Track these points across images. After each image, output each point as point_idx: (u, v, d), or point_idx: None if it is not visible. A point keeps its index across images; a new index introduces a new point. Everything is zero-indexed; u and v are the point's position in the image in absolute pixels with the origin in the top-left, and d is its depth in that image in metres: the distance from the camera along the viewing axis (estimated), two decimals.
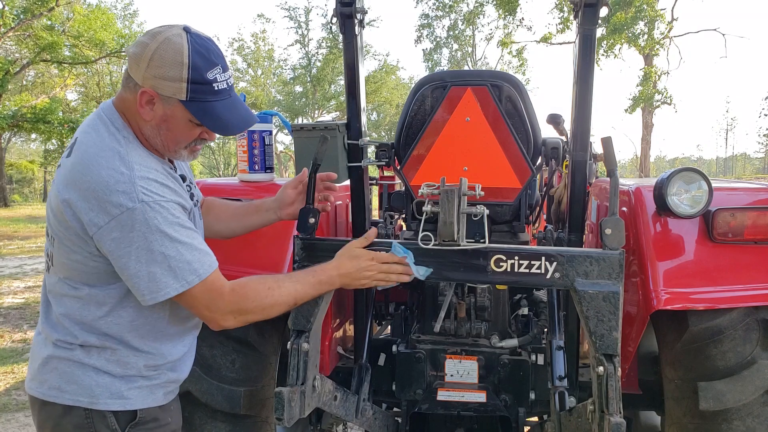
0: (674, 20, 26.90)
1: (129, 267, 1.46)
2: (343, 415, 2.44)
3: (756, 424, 2.05)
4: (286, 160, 34.98)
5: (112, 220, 1.43)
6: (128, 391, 1.60)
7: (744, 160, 74.24)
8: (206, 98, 1.52)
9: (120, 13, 32.63)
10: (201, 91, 1.50)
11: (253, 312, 1.63)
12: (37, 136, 26.95)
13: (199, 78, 1.49)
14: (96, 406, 1.56)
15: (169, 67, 1.47)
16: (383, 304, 3.33)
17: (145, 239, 1.44)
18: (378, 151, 2.67)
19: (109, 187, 1.43)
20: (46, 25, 22.60)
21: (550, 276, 1.87)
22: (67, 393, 1.56)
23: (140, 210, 1.43)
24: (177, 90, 1.48)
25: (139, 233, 1.44)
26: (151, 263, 1.46)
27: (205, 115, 1.53)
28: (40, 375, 1.60)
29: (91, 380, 1.57)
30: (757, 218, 2.13)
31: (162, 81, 1.47)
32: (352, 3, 2.24)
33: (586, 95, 2.18)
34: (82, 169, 1.47)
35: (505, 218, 2.67)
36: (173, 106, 1.51)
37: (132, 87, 1.52)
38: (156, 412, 1.66)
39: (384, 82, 38.57)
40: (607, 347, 1.81)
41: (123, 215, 1.43)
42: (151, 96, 1.50)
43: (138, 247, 1.44)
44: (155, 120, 1.54)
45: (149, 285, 1.47)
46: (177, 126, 1.55)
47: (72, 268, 1.55)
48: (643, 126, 28.97)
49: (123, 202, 1.43)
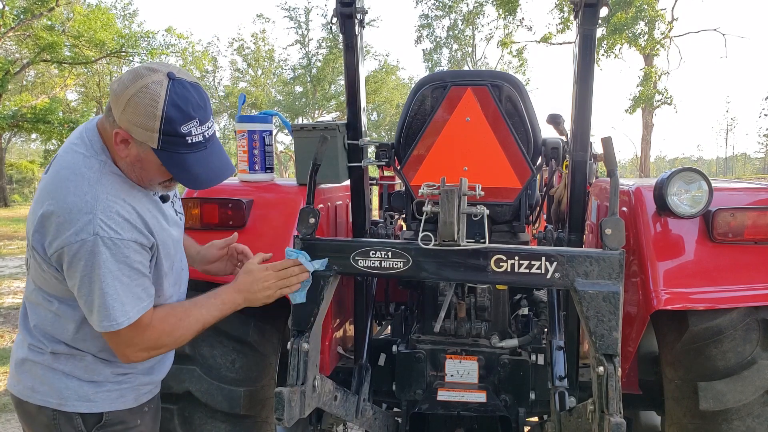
0: (674, 20, 26.91)
1: (77, 290, 1.53)
2: (343, 415, 2.44)
3: (756, 424, 2.05)
4: (286, 160, 34.98)
5: (65, 246, 1.47)
6: (95, 395, 1.65)
7: (744, 160, 74.23)
8: (178, 150, 1.50)
9: (120, 13, 32.62)
10: (173, 142, 1.49)
11: (166, 345, 1.67)
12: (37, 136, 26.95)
13: (172, 131, 1.47)
14: (64, 408, 1.62)
15: (142, 116, 1.46)
16: (383, 304, 3.33)
17: (90, 270, 1.48)
18: (378, 151, 2.67)
19: (71, 214, 1.47)
20: (46, 25, 22.57)
21: (550, 276, 1.87)
22: (39, 393, 1.63)
23: (92, 242, 1.46)
24: (149, 138, 1.48)
25: (87, 264, 1.47)
26: (91, 294, 1.50)
27: (174, 166, 1.53)
28: (17, 374, 1.68)
29: (61, 383, 1.63)
30: (757, 218, 2.13)
31: (135, 127, 1.48)
32: (352, 3, 2.24)
33: (586, 95, 2.18)
34: (53, 189, 1.52)
35: (505, 218, 2.67)
36: (146, 150, 1.51)
37: (111, 122, 1.53)
38: (124, 415, 1.70)
39: (384, 82, 38.55)
40: (608, 347, 1.81)
41: (75, 245, 1.46)
42: (125, 137, 1.51)
43: (82, 276, 1.49)
44: (129, 158, 1.55)
45: (91, 315, 1.54)
46: (150, 168, 1.56)
47: (44, 279, 1.60)
48: (643, 126, 28.97)
49: (78, 232, 1.46)
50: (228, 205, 2.39)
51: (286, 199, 2.49)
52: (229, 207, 2.39)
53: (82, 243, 1.46)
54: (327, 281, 2.01)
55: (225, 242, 2.02)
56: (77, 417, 1.63)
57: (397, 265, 1.96)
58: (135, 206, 1.55)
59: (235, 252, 2.02)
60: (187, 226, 2.43)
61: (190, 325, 1.67)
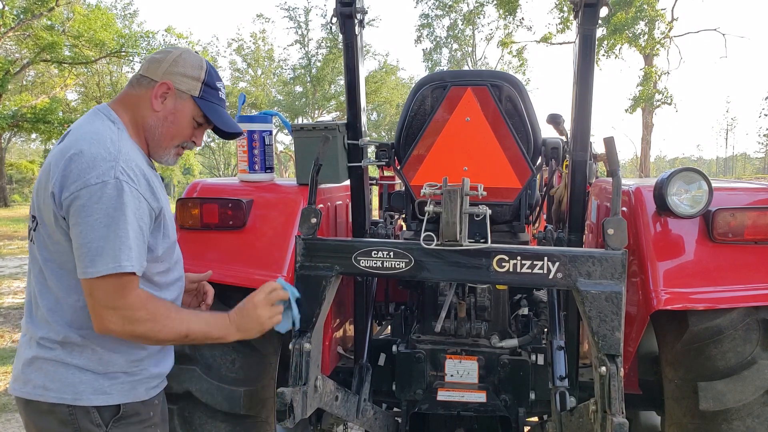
0: (674, 20, 26.91)
1: (82, 235, 1.51)
2: (344, 416, 2.44)
3: (756, 424, 2.05)
4: (286, 160, 34.99)
5: (84, 188, 1.50)
6: (110, 387, 1.64)
7: (744, 160, 74.23)
8: (213, 101, 1.76)
9: (120, 13, 32.62)
10: (210, 93, 1.75)
11: (143, 326, 1.58)
12: (37, 136, 26.97)
13: (212, 83, 1.75)
14: (80, 402, 1.61)
15: (191, 67, 1.72)
16: (383, 304, 3.33)
17: (110, 210, 1.51)
18: (378, 151, 2.67)
19: (94, 160, 1.53)
20: (46, 25, 22.58)
21: (552, 276, 1.87)
22: (52, 391, 1.61)
23: (113, 185, 1.51)
24: (193, 87, 1.71)
25: (105, 205, 1.50)
26: (104, 235, 1.50)
27: (212, 113, 1.75)
28: (24, 375, 1.65)
29: (75, 377, 1.61)
30: (757, 218, 2.13)
31: (181, 77, 1.70)
32: (352, 3, 2.24)
33: (586, 95, 2.18)
34: (73, 143, 1.58)
35: (505, 218, 2.67)
36: (184, 101, 1.71)
37: (145, 84, 1.69)
38: (138, 407, 1.70)
39: (384, 82, 38.55)
40: (610, 347, 1.81)
41: (95, 186, 1.50)
42: (168, 88, 1.68)
43: (97, 217, 1.50)
44: (163, 112, 1.70)
45: (93, 259, 1.50)
46: (181, 121, 1.72)
47: (52, 249, 1.60)
48: (643, 126, 28.97)
49: (100, 175, 1.51)
50: (228, 205, 2.39)
51: (286, 199, 2.49)
52: (229, 207, 2.39)
53: (103, 185, 1.50)
54: (329, 281, 2.01)
55: (198, 277, 2.03)
56: (94, 411, 1.62)
57: (399, 265, 1.96)
58: (145, 171, 1.64)
59: (202, 290, 2.03)
60: (188, 226, 2.43)
61: (175, 322, 1.63)
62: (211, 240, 2.41)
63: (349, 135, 2.48)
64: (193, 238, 2.42)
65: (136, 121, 1.70)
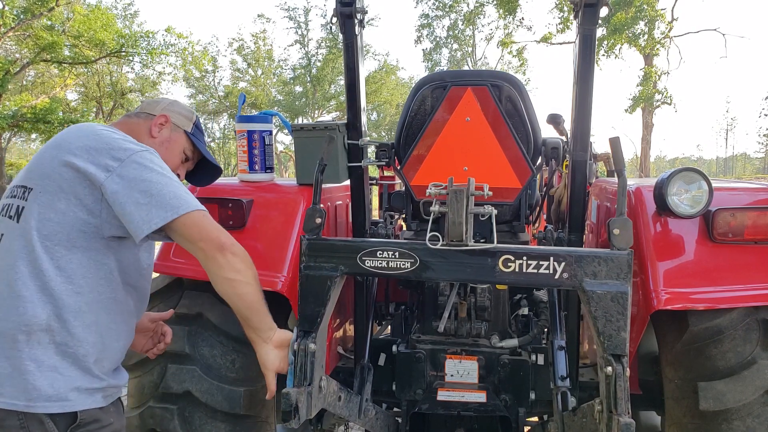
0: (674, 20, 26.91)
1: (153, 186, 1.59)
2: (347, 416, 2.44)
3: (756, 425, 2.05)
4: (286, 160, 34.98)
5: (133, 154, 1.62)
6: (69, 393, 1.56)
7: (744, 160, 74.26)
8: (200, 138, 2.03)
9: (120, 14, 32.61)
10: (198, 132, 2.03)
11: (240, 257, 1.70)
12: (37, 136, 26.95)
13: (199, 126, 2.04)
14: (33, 410, 1.51)
15: (184, 109, 2.01)
16: (383, 304, 3.33)
17: (162, 168, 1.65)
18: (378, 151, 2.67)
19: (118, 142, 1.65)
20: (46, 25, 22.57)
21: (558, 276, 1.87)
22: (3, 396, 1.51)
23: (148, 152, 1.67)
24: (186, 124, 1.98)
25: (158, 163, 1.66)
26: (171, 184, 1.63)
27: (201, 146, 2.02)
28: None
29: (28, 382, 1.51)
30: (757, 218, 2.13)
31: (178, 114, 1.96)
32: (352, 3, 2.24)
33: (586, 95, 2.18)
34: (90, 131, 1.67)
35: (505, 218, 2.67)
36: (178, 134, 1.95)
37: (144, 117, 1.91)
38: (97, 413, 1.63)
39: (384, 82, 38.54)
40: (616, 347, 1.81)
41: (134, 155, 1.62)
42: (166, 120, 1.92)
43: (157, 173, 1.62)
44: (160, 139, 1.89)
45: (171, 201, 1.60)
46: (173, 150, 1.93)
47: (48, 218, 1.56)
48: (643, 126, 28.97)
49: (131, 147, 1.65)
50: (228, 205, 2.39)
51: (286, 199, 2.49)
52: (229, 207, 2.39)
53: (139, 153, 1.64)
54: (333, 282, 2.01)
55: (159, 316, 2.05)
56: (47, 420, 1.53)
57: (404, 265, 1.96)
58: None
59: (160, 331, 2.05)
60: None
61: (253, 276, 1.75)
62: None
63: (349, 135, 2.48)
64: None
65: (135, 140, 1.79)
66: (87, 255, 1.60)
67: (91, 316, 1.61)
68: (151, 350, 2.04)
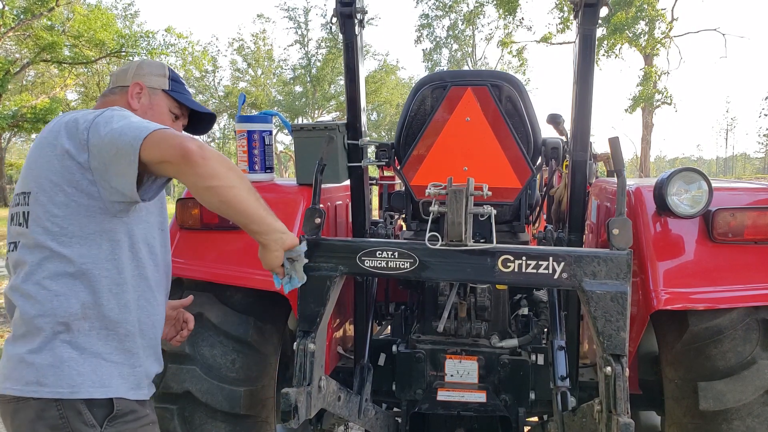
0: (674, 20, 26.92)
1: (114, 133, 1.52)
2: (346, 416, 2.44)
3: (756, 424, 2.05)
4: (286, 160, 34.98)
5: (96, 117, 1.58)
6: (112, 379, 1.58)
7: (744, 160, 74.28)
8: (181, 90, 1.91)
9: (120, 14, 32.61)
10: (178, 86, 1.90)
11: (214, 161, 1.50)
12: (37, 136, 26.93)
13: (176, 77, 1.91)
14: (76, 395, 1.52)
15: (154, 67, 1.88)
16: (383, 304, 3.33)
17: (124, 117, 1.58)
18: (378, 151, 2.67)
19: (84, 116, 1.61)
20: (46, 25, 22.59)
21: (557, 276, 1.87)
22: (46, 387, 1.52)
23: (108, 110, 1.62)
24: (162, 82, 1.85)
25: (119, 115, 1.59)
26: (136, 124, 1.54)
27: (185, 100, 1.89)
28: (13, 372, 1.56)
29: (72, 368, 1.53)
30: (757, 218, 2.13)
31: (149, 76, 1.84)
32: (352, 3, 2.24)
33: (586, 95, 2.18)
34: (62, 118, 1.66)
35: (505, 218, 2.67)
36: (158, 96, 1.84)
37: (118, 91, 1.83)
38: (133, 404, 1.64)
39: (384, 82, 38.56)
40: (615, 347, 1.81)
41: (105, 112, 1.60)
42: (141, 87, 1.81)
43: (119, 120, 1.56)
44: (141, 108, 1.80)
45: (135, 132, 1.50)
46: (159, 115, 1.82)
47: (54, 214, 1.55)
48: (643, 126, 28.98)
49: (103, 109, 1.63)
50: None
51: (286, 199, 2.49)
52: None
53: (111, 110, 1.61)
54: (333, 282, 2.01)
55: (180, 303, 2.01)
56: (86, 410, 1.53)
57: (403, 265, 1.96)
58: None
59: (182, 318, 2.01)
60: (188, 226, 2.43)
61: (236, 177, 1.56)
62: (210, 240, 2.41)
63: (349, 135, 2.48)
64: (193, 238, 2.42)
65: None
66: (104, 237, 1.59)
67: (123, 296, 1.62)
68: (175, 338, 2.00)
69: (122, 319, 1.61)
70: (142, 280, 1.68)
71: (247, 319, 2.38)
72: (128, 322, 1.63)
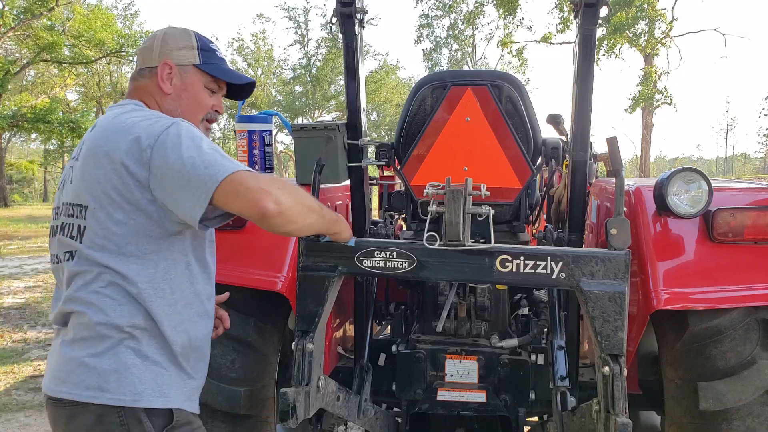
0: (674, 20, 26.92)
1: (185, 164, 1.42)
2: (346, 416, 2.44)
3: (756, 424, 2.05)
4: (286, 160, 34.99)
5: (160, 135, 1.47)
6: (171, 389, 1.55)
7: (744, 160, 74.31)
8: (215, 60, 1.74)
9: (120, 14, 32.63)
10: (209, 56, 1.72)
11: (292, 195, 1.50)
12: (37, 136, 26.98)
13: (205, 46, 1.73)
14: (138, 404, 1.49)
15: (180, 40, 1.70)
16: (383, 304, 3.33)
17: (192, 140, 1.47)
18: (378, 151, 2.67)
19: (152, 120, 1.52)
20: (46, 25, 22.59)
21: (555, 276, 1.87)
22: (108, 393, 1.48)
23: (185, 124, 1.51)
24: (190, 56, 1.69)
25: (186, 137, 1.47)
26: (205, 154, 1.44)
27: (218, 71, 1.73)
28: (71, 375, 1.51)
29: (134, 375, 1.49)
30: (757, 218, 2.13)
31: (176, 52, 1.68)
32: (352, 3, 2.24)
33: (586, 95, 2.18)
34: (120, 123, 1.54)
35: (505, 218, 2.67)
36: (189, 73, 1.70)
37: (147, 74, 1.68)
38: (189, 415, 1.62)
39: (384, 82, 38.58)
40: (613, 347, 1.81)
41: (171, 128, 1.48)
42: (170, 67, 1.67)
43: (188, 146, 1.45)
44: (175, 91, 1.68)
45: (207, 170, 1.42)
46: (195, 94, 1.71)
47: (112, 232, 1.49)
48: (643, 126, 28.98)
49: (168, 122, 1.50)
50: None
51: None
52: None
53: (176, 125, 1.49)
54: (331, 282, 2.01)
55: (216, 299, 1.94)
56: (146, 418, 1.50)
57: (402, 265, 1.96)
58: None
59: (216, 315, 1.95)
60: None
61: (307, 198, 1.58)
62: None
63: (349, 135, 2.48)
64: None
65: (156, 107, 1.66)
66: (160, 257, 1.54)
67: (177, 317, 1.57)
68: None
69: (177, 337, 1.57)
70: (195, 296, 1.63)
71: (247, 319, 2.38)
72: (182, 339, 1.58)
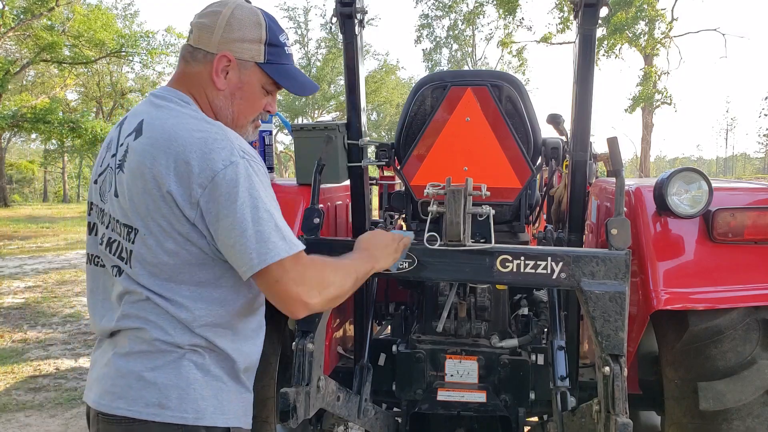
0: (674, 20, 26.93)
1: (236, 226, 1.32)
2: (346, 416, 2.44)
3: (756, 424, 2.05)
4: (286, 160, 34.99)
5: (216, 176, 1.32)
6: (231, 406, 1.48)
7: (744, 160, 74.34)
8: (281, 60, 1.52)
9: (120, 14, 32.64)
10: (276, 53, 1.51)
11: (333, 285, 1.45)
12: (37, 136, 26.97)
13: (275, 40, 1.50)
14: (201, 422, 1.41)
15: (248, 28, 1.46)
16: (383, 304, 3.33)
17: (249, 195, 1.33)
18: (378, 151, 2.67)
19: (207, 144, 1.34)
20: (46, 25, 22.57)
21: (556, 276, 1.87)
22: (169, 410, 1.39)
23: (243, 165, 1.34)
24: (256, 53, 1.48)
25: (243, 189, 1.32)
26: (258, 222, 1.33)
27: (283, 77, 1.53)
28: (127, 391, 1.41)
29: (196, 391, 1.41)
30: (757, 218, 2.13)
31: (241, 44, 1.46)
32: (352, 3, 2.24)
33: (586, 95, 2.18)
34: (169, 138, 1.36)
35: (505, 218, 2.67)
36: (249, 71, 1.49)
37: (201, 58, 1.47)
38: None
39: (384, 82, 38.61)
40: (614, 347, 1.81)
41: (228, 169, 1.32)
42: (229, 61, 1.46)
43: (243, 203, 1.32)
44: (229, 88, 1.49)
45: (258, 246, 1.32)
46: (251, 94, 1.52)
47: (163, 262, 1.39)
48: (643, 126, 29.00)
49: (225, 157, 1.33)
50: None
51: (286, 199, 2.48)
52: None
53: (234, 167, 1.32)
54: None
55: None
56: None
57: (402, 265, 1.96)
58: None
59: None
60: None
61: (345, 269, 1.51)
62: None
63: (349, 135, 2.48)
64: None
65: (205, 101, 1.49)
66: (213, 285, 1.44)
67: (233, 336, 1.49)
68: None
69: (237, 354, 1.51)
70: (251, 312, 1.56)
71: None
72: (242, 355, 1.53)
